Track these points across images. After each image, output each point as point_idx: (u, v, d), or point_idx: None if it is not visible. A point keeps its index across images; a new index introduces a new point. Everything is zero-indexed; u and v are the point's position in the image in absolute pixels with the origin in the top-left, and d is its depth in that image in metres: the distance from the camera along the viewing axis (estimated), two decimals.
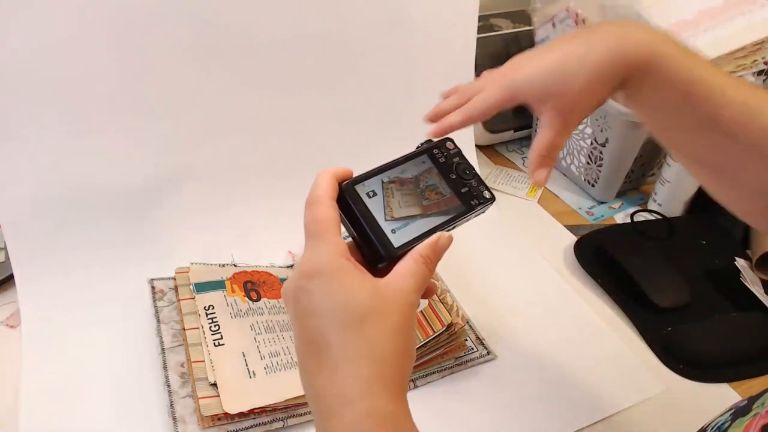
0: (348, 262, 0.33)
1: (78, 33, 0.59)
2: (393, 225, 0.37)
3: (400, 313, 0.33)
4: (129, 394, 0.53)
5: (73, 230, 0.64)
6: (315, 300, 0.32)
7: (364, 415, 0.29)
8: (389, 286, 0.33)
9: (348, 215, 0.37)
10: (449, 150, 0.42)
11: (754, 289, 0.66)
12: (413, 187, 0.40)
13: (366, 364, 0.31)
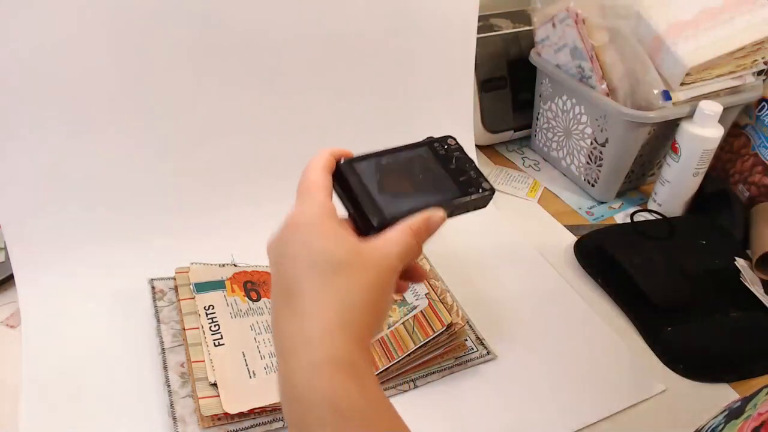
0: (330, 216, 0.34)
1: (78, 33, 0.59)
2: (386, 198, 0.37)
3: (375, 272, 0.33)
4: (129, 394, 0.53)
5: (73, 230, 0.64)
6: (294, 248, 0.33)
7: (323, 360, 0.30)
8: (371, 246, 0.34)
9: (343, 188, 0.38)
10: (450, 145, 0.42)
11: (754, 289, 0.66)
12: (410, 169, 0.40)
13: (332, 311, 0.31)
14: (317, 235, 0.33)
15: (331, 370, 0.29)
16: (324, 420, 0.28)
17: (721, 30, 0.75)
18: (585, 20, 0.77)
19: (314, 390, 0.29)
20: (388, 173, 0.39)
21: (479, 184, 0.41)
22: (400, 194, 0.38)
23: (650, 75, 0.74)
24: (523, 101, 0.93)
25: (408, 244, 0.35)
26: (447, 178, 0.40)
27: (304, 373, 0.30)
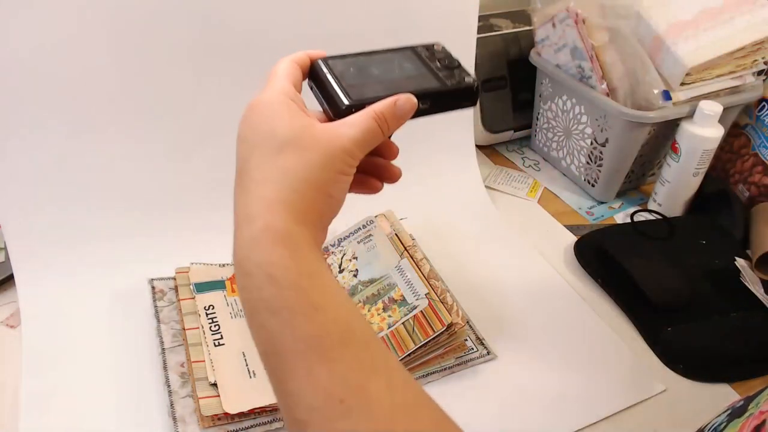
0: (286, 98, 0.34)
1: (78, 33, 0.59)
2: (358, 86, 0.37)
3: (325, 152, 0.33)
4: (129, 394, 0.53)
5: (73, 230, 0.64)
6: (247, 129, 0.34)
7: (260, 230, 0.30)
8: (326, 127, 0.34)
9: (317, 83, 0.38)
10: (436, 50, 0.42)
11: (754, 289, 0.66)
12: (388, 64, 0.39)
13: (273, 187, 0.32)
14: (269, 116, 0.34)
15: (267, 241, 0.30)
16: (260, 287, 0.29)
17: (721, 30, 0.75)
18: (585, 20, 0.77)
19: (251, 260, 0.30)
20: (363, 68, 0.38)
21: (461, 77, 0.40)
22: (372, 83, 0.37)
23: (650, 75, 0.74)
24: (523, 101, 0.93)
25: (368, 128, 0.34)
26: (427, 72, 0.39)
27: (245, 246, 0.31)
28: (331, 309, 0.29)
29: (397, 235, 0.65)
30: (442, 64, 0.40)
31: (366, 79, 0.37)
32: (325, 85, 0.37)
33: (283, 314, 0.28)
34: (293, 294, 0.29)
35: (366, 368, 0.28)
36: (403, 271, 0.60)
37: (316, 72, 0.38)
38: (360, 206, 0.70)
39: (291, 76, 0.36)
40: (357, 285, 0.62)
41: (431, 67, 0.40)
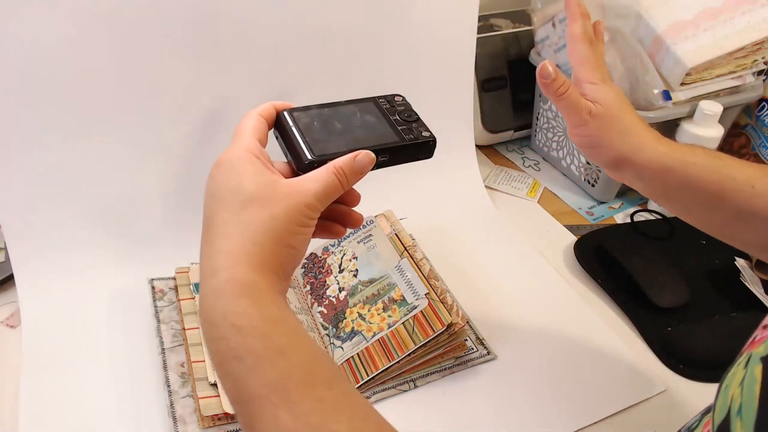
0: (251, 155, 0.36)
1: (78, 33, 0.59)
2: (320, 140, 0.38)
3: (286, 205, 0.34)
4: (129, 394, 0.53)
5: (73, 230, 0.64)
6: (214, 185, 0.36)
7: (224, 282, 0.32)
8: (287, 183, 0.35)
9: (282, 134, 0.39)
10: (396, 102, 0.44)
11: (754, 289, 0.66)
12: (350, 118, 0.41)
13: (236, 242, 0.33)
14: (234, 173, 0.35)
15: (230, 291, 0.31)
16: (227, 337, 0.30)
17: (721, 30, 0.75)
18: None
19: (216, 311, 0.31)
20: (326, 121, 0.40)
21: (419, 132, 0.41)
22: (334, 138, 0.39)
23: (650, 75, 0.74)
24: (523, 101, 0.93)
25: (329, 183, 0.36)
26: (386, 126, 0.41)
27: (210, 297, 0.32)
28: (294, 352, 0.31)
29: (397, 235, 0.65)
30: (402, 117, 0.42)
31: (328, 134, 0.39)
32: (289, 137, 0.38)
33: (249, 360, 0.30)
34: (257, 341, 0.30)
35: (329, 409, 0.29)
36: (403, 271, 0.60)
37: (281, 123, 0.39)
38: (360, 206, 0.70)
39: (256, 131, 0.38)
40: (357, 285, 0.62)
41: (391, 120, 0.42)
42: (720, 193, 0.44)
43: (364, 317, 0.59)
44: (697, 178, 0.44)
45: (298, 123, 0.39)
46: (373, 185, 0.76)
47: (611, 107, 0.47)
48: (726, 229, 0.47)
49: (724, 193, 0.44)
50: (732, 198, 0.44)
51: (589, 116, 0.47)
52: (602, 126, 0.47)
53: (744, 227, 0.45)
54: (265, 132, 0.39)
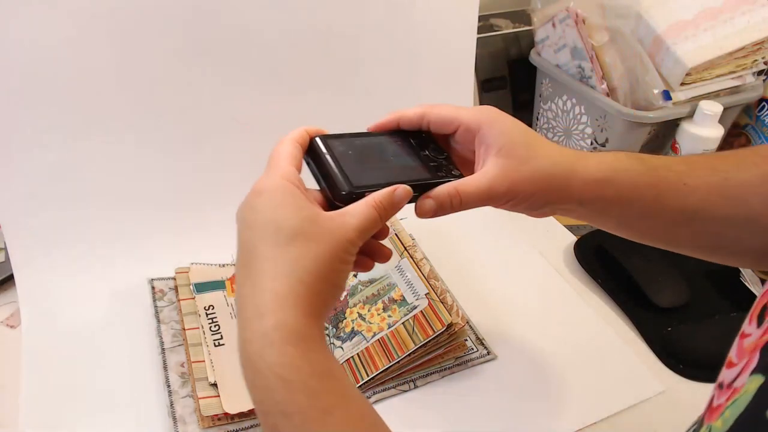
0: (292, 186, 0.35)
1: (78, 33, 0.59)
2: (356, 171, 0.37)
3: (330, 243, 0.33)
4: (129, 394, 0.53)
5: (73, 230, 0.64)
6: (253, 215, 0.34)
7: (272, 328, 0.31)
8: (329, 218, 0.34)
9: (315, 162, 0.38)
10: (423, 137, 0.43)
11: (754, 289, 0.66)
12: (383, 150, 0.41)
13: (284, 281, 0.32)
14: (276, 204, 0.34)
15: (279, 341, 0.30)
16: (273, 388, 0.30)
17: (721, 30, 0.75)
18: (585, 20, 0.77)
19: (263, 359, 0.30)
20: (360, 151, 0.40)
21: (449, 171, 0.41)
22: (369, 169, 0.38)
23: (650, 75, 0.74)
24: (523, 101, 0.93)
25: (369, 217, 0.35)
26: (418, 161, 0.41)
27: (256, 343, 0.31)
28: (340, 411, 0.30)
29: (397, 235, 0.65)
30: (432, 153, 0.42)
31: (363, 165, 0.39)
32: (325, 166, 0.37)
33: (296, 419, 0.29)
34: (305, 398, 0.30)
35: None
36: (403, 271, 0.60)
37: (315, 150, 0.38)
38: None
39: (293, 159, 0.37)
40: (357, 285, 0.62)
41: (421, 155, 0.41)
42: (656, 197, 0.41)
43: (364, 317, 0.59)
44: (631, 185, 0.41)
45: (333, 151, 0.38)
46: None
47: (515, 145, 0.39)
48: (667, 235, 0.44)
49: (659, 197, 0.41)
50: (668, 200, 0.41)
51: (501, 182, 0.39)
52: (522, 177, 0.39)
53: (684, 230, 0.42)
54: (300, 159, 0.38)
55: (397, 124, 0.43)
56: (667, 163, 0.42)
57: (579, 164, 0.40)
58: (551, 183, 0.40)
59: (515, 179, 0.39)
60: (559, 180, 0.40)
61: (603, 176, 0.40)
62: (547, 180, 0.39)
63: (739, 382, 0.28)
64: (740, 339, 0.31)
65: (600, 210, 0.42)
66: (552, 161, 0.40)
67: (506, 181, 0.39)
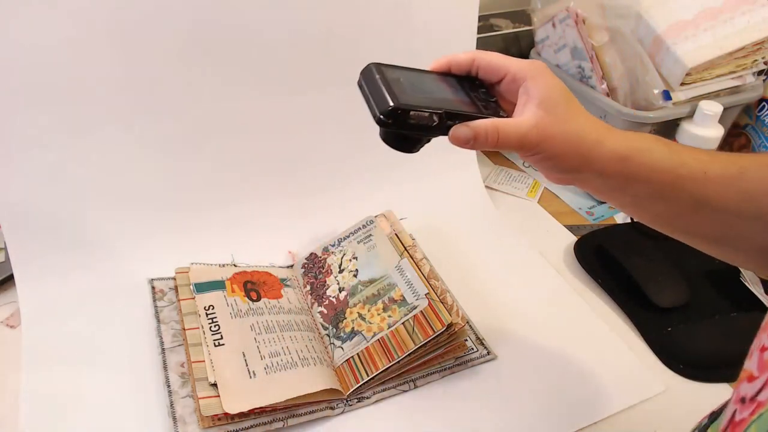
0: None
1: (78, 33, 0.59)
2: (404, 93, 0.39)
3: None
4: (129, 394, 0.53)
5: (73, 230, 0.64)
6: None
7: None
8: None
9: (367, 83, 0.40)
10: (474, 81, 0.45)
11: (754, 289, 0.66)
12: (433, 82, 0.43)
13: None
14: None
15: None
16: None
17: (721, 30, 0.75)
18: (585, 20, 0.77)
19: None
20: (411, 80, 0.41)
21: (497, 112, 0.43)
22: (417, 93, 0.40)
23: (650, 75, 0.74)
24: None
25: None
26: (467, 98, 0.42)
27: None
28: None
29: (397, 235, 0.65)
30: (482, 94, 0.43)
31: (413, 89, 0.40)
32: (375, 85, 0.39)
33: None
34: None
35: None
36: (403, 271, 0.60)
37: (368, 73, 0.40)
38: (360, 206, 0.70)
39: None
40: (357, 285, 0.62)
41: (471, 95, 0.43)
42: (674, 181, 0.42)
43: (364, 317, 0.59)
44: (652, 166, 0.42)
45: (385, 75, 0.40)
46: (373, 185, 0.77)
47: (556, 103, 0.41)
48: (679, 221, 0.45)
49: (677, 181, 0.42)
50: (685, 186, 0.42)
51: (536, 133, 0.41)
52: (555, 133, 0.41)
53: (697, 217, 0.43)
54: None
55: (449, 68, 0.45)
56: (692, 151, 0.43)
57: (607, 136, 0.42)
58: (580, 148, 0.41)
59: (549, 134, 0.40)
60: (587, 146, 0.41)
61: (626, 152, 0.42)
62: (576, 143, 0.41)
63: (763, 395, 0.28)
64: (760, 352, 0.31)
65: (617, 185, 0.43)
66: (585, 127, 0.42)
67: (541, 133, 0.40)
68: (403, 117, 0.38)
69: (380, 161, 0.75)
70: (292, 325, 0.59)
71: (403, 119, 0.38)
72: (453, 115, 0.40)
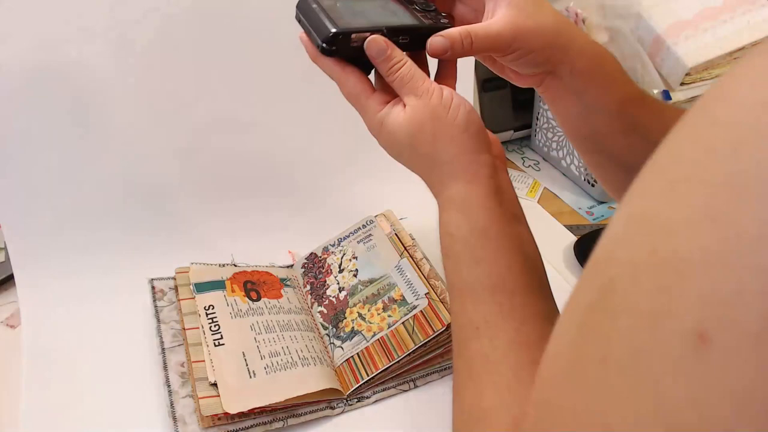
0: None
1: (78, 32, 0.59)
2: (343, 17, 0.39)
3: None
4: (129, 394, 0.53)
5: (73, 230, 0.64)
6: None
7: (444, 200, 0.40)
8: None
9: (305, 14, 0.40)
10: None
11: None
12: (369, 1, 0.43)
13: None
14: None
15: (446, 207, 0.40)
16: (443, 238, 0.39)
17: (721, 30, 0.75)
18: (585, 20, 0.77)
19: (440, 220, 0.40)
20: (347, 3, 0.41)
21: (437, 19, 0.43)
22: (356, 15, 0.40)
23: (650, 75, 0.74)
24: (523, 101, 0.93)
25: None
26: (405, 12, 0.43)
27: (440, 208, 0.41)
28: (488, 264, 0.37)
29: (397, 235, 0.65)
30: (420, 6, 0.44)
31: (350, 12, 0.41)
32: (312, 14, 0.39)
33: (453, 261, 0.38)
34: (462, 248, 0.37)
35: (505, 312, 0.35)
36: (403, 271, 0.60)
37: (304, 5, 0.40)
38: (360, 206, 0.70)
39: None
40: (357, 285, 0.62)
41: (410, 8, 0.44)
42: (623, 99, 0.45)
43: (364, 317, 0.59)
44: (619, 70, 0.45)
45: (321, 3, 0.40)
46: (373, 185, 0.77)
47: (525, 1, 0.42)
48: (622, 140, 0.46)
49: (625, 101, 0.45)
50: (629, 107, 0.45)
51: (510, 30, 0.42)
52: (530, 28, 0.42)
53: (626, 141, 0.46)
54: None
55: None
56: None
57: (577, 33, 0.44)
58: (556, 41, 0.43)
59: (522, 29, 0.41)
60: (563, 39, 0.43)
61: (596, 52, 0.44)
62: (552, 36, 0.43)
63: None
64: None
65: (581, 88, 0.45)
66: (556, 20, 0.43)
67: (514, 29, 0.41)
68: (345, 41, 0.38)
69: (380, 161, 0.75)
70: (292, 324, 0.59)
71: (346, 43, 0.38)
72: (395, 31, 0.40)
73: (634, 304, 0.19)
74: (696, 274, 0.17)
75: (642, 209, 0.21)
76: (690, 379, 0.17)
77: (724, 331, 0.16)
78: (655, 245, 0.19)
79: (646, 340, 0.18)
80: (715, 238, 0.17)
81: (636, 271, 0.20)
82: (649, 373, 0.18)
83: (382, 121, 0.40)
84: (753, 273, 0.16)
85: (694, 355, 0.17)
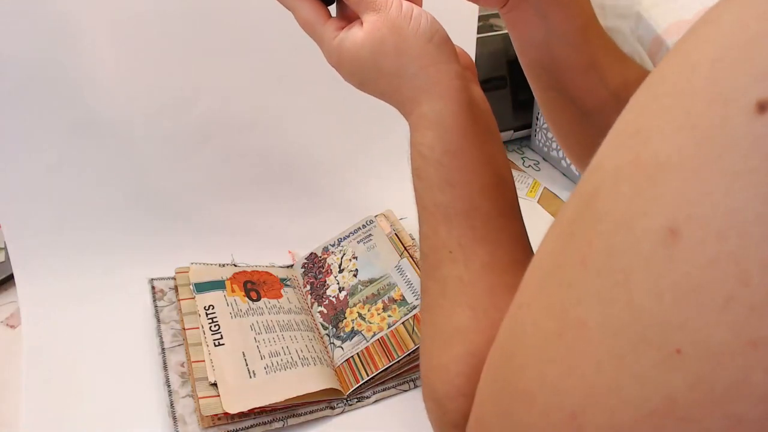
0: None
1: (78, 32, 0.59)
2: None
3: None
4: (129, 394, 0.53)
5: (73, 230, 0.64)
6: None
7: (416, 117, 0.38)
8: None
9: None
10: None
11: None
12: None
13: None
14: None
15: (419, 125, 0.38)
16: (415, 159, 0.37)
17: None
18: None
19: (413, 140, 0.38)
20: None
21: None
22: None
23: None
24: (523, 101, 0.93)
25: None
26: None
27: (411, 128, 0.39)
28: (462, 186, 0.36)
29: (397, 235, 0.65)
30: None
31: None
32: None
33: (425, 182, 0.36)
34: (435, 170, 0.36)
35: (477, 237, 0.35)
36: (402, 271, 0.61)
37: None
38: (360, 206, 0.70)
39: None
40: (357, 285, 0.62)
41: None
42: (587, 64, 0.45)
43: (364, 317, 0.59)
44: (591, 15, 0.45)
45: None
46: (373, 185, 0.77)
47: None
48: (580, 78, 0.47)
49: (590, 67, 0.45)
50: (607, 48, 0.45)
51: None
52: None
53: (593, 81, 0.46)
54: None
55: None
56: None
57: None
58: None
59: None
60: None
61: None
62: None
63: None
64: None
65: (545, 8, 0.45)
66: None
67: None
68: None
69: (380, 161, 0.76)
70: (292, 324, 0.59)
71: None
72: None
73: (614, 207, 0.21)
74: (672, 175, 0.19)
75: (628, 122, 0.22)
76: (659, 272, 0.18)
77: (693, 226, 0.18)
78: (638, 151, 0.20)
79: (622, 240, 0.20)
80: (691, 143, 0.18)
81: (618, 177, 0.21)
82: (621, 270, 0.19)
83: (341, 45, 0.39)
84: (722, 175, 0.17)
85: (663, 249, 0.18)
